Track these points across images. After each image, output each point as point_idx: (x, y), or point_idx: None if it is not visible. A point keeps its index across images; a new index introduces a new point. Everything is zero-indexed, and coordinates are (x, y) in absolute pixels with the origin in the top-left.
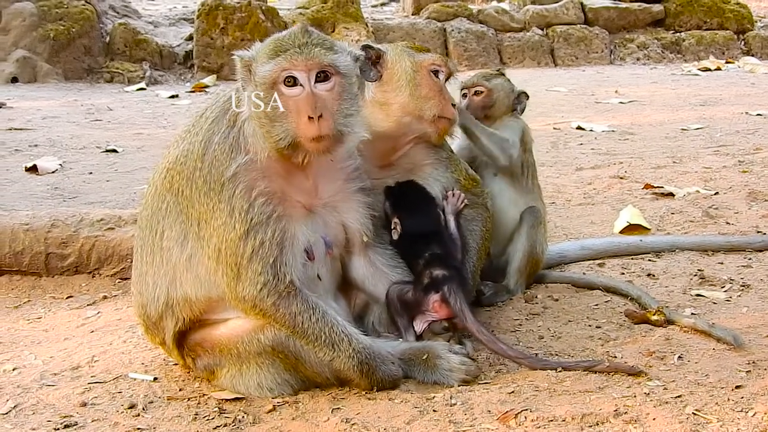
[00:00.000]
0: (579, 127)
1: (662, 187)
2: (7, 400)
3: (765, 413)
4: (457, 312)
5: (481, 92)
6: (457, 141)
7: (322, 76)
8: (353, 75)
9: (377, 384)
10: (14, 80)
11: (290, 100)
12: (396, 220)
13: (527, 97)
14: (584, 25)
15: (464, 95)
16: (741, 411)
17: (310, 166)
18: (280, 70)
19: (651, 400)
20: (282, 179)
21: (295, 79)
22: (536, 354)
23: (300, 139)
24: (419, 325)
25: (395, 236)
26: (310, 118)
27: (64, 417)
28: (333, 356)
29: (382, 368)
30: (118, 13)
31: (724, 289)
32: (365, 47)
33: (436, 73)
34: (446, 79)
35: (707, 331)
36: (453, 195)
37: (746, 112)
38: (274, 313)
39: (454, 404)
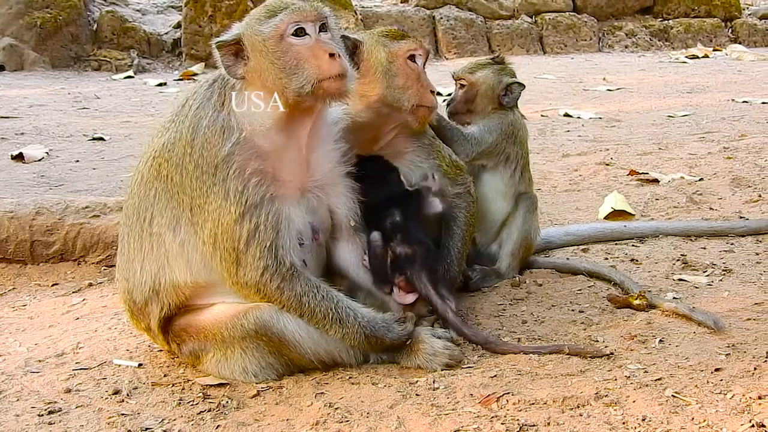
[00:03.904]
0: (566, 114)
1: (647, 173)
2: None
3: (743, 395)
4: (423, 295)
5: (464, 85)
6: None
7: (323, 28)
8: (338, 31)
9: (386, 350)
10: (1, 68)
11: (303, 48)
12: None
13: (522, 86)
14: (573, 13)
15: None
16: (720, 393)
17: (305, 137)
18: (288, 23)
19: (631, 383)
20: (275, 157)
21: (304, 30)
22: (518, 340)
23: (322, 80)
24: (398, 297)
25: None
26: (331, 55)
27: (49, 403)
28: (343, 332)
29: (388, 335)
30: (105, 0)
31: (706, 274)
32: (342, 38)
33: (413, 58)
34: (425, 61)
35: (688, 315)
36: (432, 178)
37: (732, 99)
38: (279, 297)
39: (437, 388)
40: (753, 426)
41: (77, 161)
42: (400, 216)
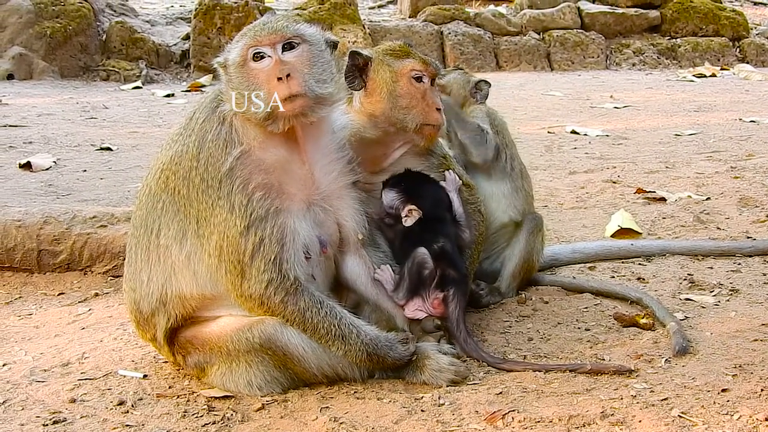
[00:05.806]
0: (573, 132)
1: (654, 191)
2: None
3: (750, 416)
4: (451, 317)
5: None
6: None
7: (288, 46)
8: (322, 44)
9: (388, 369)
10: (10, 77)
11: (261, 72)
12: (412, 206)
13: (488, 84)
14: (581, 30)
15: None
16: (726, 414)
17: (305, 151)
18: (247, 48)
19: (637, 403)
20: (279, 170)
21: (262, 54)
22: (524, 357)
23: (274, 105)
24: (411, 310)
25: (409, 223)
26: (278, 79)
27: (53, 413)
28: (345, 349)
29: (390, 355)
30: (115, 11)
31: (713, 294)
32: (352, 54)
33: (418, 78)
34: (432, 81)
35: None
36: (450, 174)
37: (740, 119)
38: (283, 311)
39: (443, 404)
40: None
41: (85, 171)
42: (454, 238)
